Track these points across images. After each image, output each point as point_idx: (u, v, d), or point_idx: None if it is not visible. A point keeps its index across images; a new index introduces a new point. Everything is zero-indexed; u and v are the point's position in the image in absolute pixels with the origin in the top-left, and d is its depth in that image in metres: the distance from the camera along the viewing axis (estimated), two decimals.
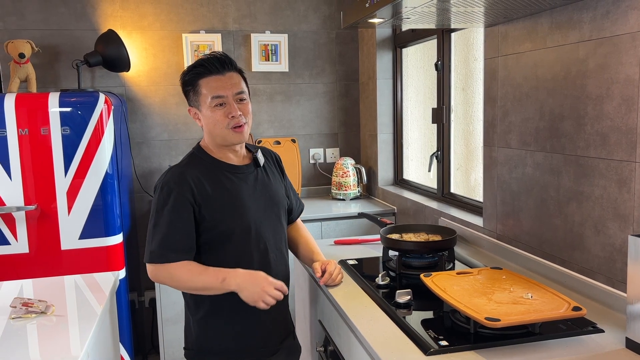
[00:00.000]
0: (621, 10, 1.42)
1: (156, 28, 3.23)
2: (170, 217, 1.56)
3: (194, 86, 1.61)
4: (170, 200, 1.56)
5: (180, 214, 1.56)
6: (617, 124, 1.46)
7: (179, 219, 1.56)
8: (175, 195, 1.56)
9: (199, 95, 1.61)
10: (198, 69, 1.60)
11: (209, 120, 1.61)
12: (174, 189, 1.57)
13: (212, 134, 1.64)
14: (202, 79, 1.60)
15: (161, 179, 1.62)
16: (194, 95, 1.63)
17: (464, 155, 2.78)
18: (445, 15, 1.76)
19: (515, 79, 1.89)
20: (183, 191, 1.56)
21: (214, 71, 1.59)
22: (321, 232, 2.96)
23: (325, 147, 3.57)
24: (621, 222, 1.46)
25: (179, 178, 1.58)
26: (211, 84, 1.59)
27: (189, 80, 1.62)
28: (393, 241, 1.89)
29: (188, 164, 1.64)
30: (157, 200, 1.59)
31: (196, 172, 1.61)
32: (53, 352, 1.34)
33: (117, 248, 2.65)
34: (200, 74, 1.60)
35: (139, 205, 3.31)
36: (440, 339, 1.31)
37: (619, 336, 1.31)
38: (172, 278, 1.57)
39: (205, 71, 1.59)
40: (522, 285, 1.47)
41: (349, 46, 3.54)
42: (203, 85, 1.59)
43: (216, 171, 1.64)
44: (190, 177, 1.59)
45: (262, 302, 1.53)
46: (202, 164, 1.64)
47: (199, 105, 1.62)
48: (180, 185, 1.57)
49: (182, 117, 3.32)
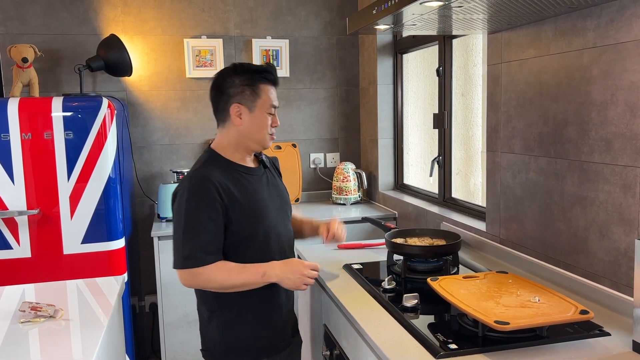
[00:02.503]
0: (625, 18, 1.44)
1: (158, 33, 3.24)
2: (202, 220, 1.56)
3: (254, 87, 1.65)
4: (200, 203, 1.57)
5: (210, 216, 1.57)
6: (622, 130, 1.48)
7: (210, 221, 1.57)
8: (204, 198, 1.57)
9: (258, 97, 1.65)
10: (266, 75, 1.66)
11: (258, 123, 1.66)
12: (202, 192, 1.57)
13: (249, 136, 1.67)
14: (264, 85, 1.66)
15: (184, 184, 1.61)
16: (250, 95, 1.65)
17: (464, 160, 2.80)
18: (447, 22, 1.78)
19: (518, 85, 1.91)
20: (212, 193, 1.57)
21: (275, 82, 1.69)
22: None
23: (325, 151, 3.59)
24: (626, 227, 1.48)
25: (205, 181, 1.59)
26: (272, 93, 1.68)
27: (251, 80, 1.64)
28: (399, 245, 1.90)
29: (208, 167, 1.64)
30: (185, 205, 1.57)
31: (218, 174, 1.62)
32: (62, 356, 1.34)
33: (119, 252, 2.65)
34: (265, 78, 1.66)
35: (139, 209, 3.31)
36: (449, 342, 1.32)
37: (626, 339, 1.32)
38: (210, 281, 1.58)
39: (270, 79, 1.67)
40: (529, 289, 1.48)
41: (349, 52, 3.56)
42: (264, 91, 1.66)
43: (235, 173, 1.66)
44: (215, 180, 1.59)
45: (303, 285, 1.62)
46: (221, 167, 1.65)
47: (252, 106, 1.65)
48: (208, 187, 1.57)
49: (183, 121, 3.33)
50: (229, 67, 1.69)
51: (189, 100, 3.33)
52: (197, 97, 3.34)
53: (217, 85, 1.68)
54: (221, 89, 1.67)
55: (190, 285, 1.61)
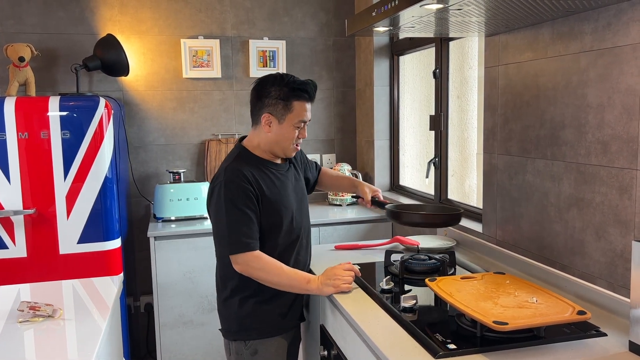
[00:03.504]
0: (622, 22, 1.46)
1: (155, 33, 3.24)
2: (243, 209, 1.70)
3: (287, 102, 1.76)
4: (238, 194, 1.70)
5: (249, 206, 1.71)
6: (618, 132, 1.50)
7: (249, 210, 1.71)
8: (241, 189, 1.71)
9: (289, 111, 1.76)
10: (301, 94, 1.76)
11: (284, 134, 1.78)
12: (238, 184, 1.71)
13: (275, 144, 1.81)
14: (298, 101, 1.76)
15: (220, 178, 1.74)
16: (282, 109, 1.76)
17: (459, 162, 2.81)
18: (445, 25, 1.80)
19: (515, 87, 1.93)
20: (247, 185, 1.72)
21: (309, 99, 1.79)
22: (319, 238, 2.98)
23: (322, 152, 3.60)
24: (622, 228, 1.50)
25: (240, 174, 1.73)
26: (303, 108, 1.78)
27: (286, 95, 1.75)
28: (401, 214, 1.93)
29: (240, 161, 1.78)
30: (224, 196, 1.70)
31: (250, 169, 1.76)
32: (61, 357, 1.34)
33: (116, 252, 2.64)
34: (299, 96, 1.76)
35: (135, 209, 3.31)
36: (448, 342, 1.33)
37: (622, 340, 1.34)
38: (262, 270, 1.71)
39: (305, 97, 1.77)
40: (526, 290, 1.50)
41: (346, 53, 3.57)
42: (296, 107, 1.77)
43: (264, 169, 1.81)
44: (248, 173, 1.74)
45: (343, 285, 1.71)
46: (250, 162, 1.79)
47: (281, 118, 1.77)
48: (244, 180, 1.72)
49: (179, 122, 3.33)
50: (271, 76, 1.80)
51: (186, 101, 3.33)
52: (194, 98, 3.34)
53: (256, 91, 1.81)
54: (258, 96, 1.79)
55: (244, 270, 1.72)
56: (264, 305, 1.80)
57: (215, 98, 3.37)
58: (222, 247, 1.74)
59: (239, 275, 1.76)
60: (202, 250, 2.81)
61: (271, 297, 1.80)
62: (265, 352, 1.81)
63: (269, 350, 1.81)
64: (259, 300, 1.80)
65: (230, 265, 1.74)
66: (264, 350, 1.80)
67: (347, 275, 1.74)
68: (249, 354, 1.80)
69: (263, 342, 1.80)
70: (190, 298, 2.85)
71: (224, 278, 1.84)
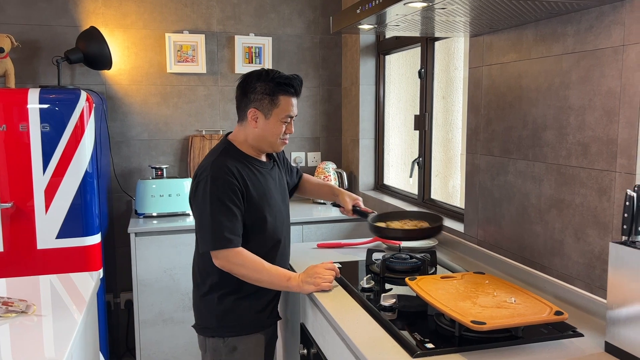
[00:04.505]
0: (604, 25, 1.47)
1: (139, 27, 3.20)
2: (228, 204, 1.68)
3: (273, 97, 1.75)
4: (224, 189, 1.69)
5: (234, 201, 1.70)
6: (599, 134, 1.50)
7: (234, 206, 1.69)
8: (226, 184, 1.69)
9: (275, 106, 1.76)
10: (287, 88, 1.76)
11: (270, 129, 1.77)
12: (224, 179, 1.70)
13: (262, 139, 1.80)
14: (284, 96, 1.76)
15: (206, 172, 1.71)
16: (268, 104, 1.76)
17: (443, 162, 2.82)
18: (430, 24, 1.80)
19: (499, 88, 1.93)
20: (234, 180, 1.71)
21: (295, 94, 1.79)
22: (302, 236, 2.97)
23: (307, 150, 3.58)
24: (600, 230, 1.51)
25: (227, 169, 1.71)
26: (289, 103, 1.78)
27: (271, 90, 1.75)
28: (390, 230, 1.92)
29: (225, 156, 1.76)
30: (209, 191, 1.68)
31: (235, 165, 1.75)
32: (35, 352, 1.31)
33: (95, 248, 2.61)
34: (285, 91, 1.76)
35: (116, 205, 3.27)
36: (426, 342, 1.33)
37: (598, 340, 1.35)
38: (243, 266, 1.69)
39: (290, 91, 1.77)
40: (505, 290, 1.50)
41: (332, 51, 3.56)
42: (282, 102, 1.76)
43: (249, 165, 1.80)
44: (234, 169, 1.73)
45: (325, 283, 1.70)
46: (236, 158, 1.78)
47: (268, 113, 1.76)
48: (230, 175, 1.71)
49: (162, 117, 3.29)
50: (256, 72, 1.79)
51: (170, 96, 3.30)
52: (178, 93, 3.30)
53: (242, 86, 1.80)
54: (244, 91, 1.79)
55: (226, 266, 1.70)
56: (243, 302, 1.79)
57: (200, 94, 3.34)
58: (205, 242, 1.71)
59: (219, 271, 1.74)
60: (184, 247, 2.79)
61: (250, 294, 1.79)
62: (244, 349, 1.79)
63: (247, 346, 1.79)
64: (239, 297, 1.78)
65: (211, 260, 1.72)
66: (243, 346, 1.79)
67: (328, 274, 1.73)
68: (227, 350, 1.78)
69: (241, 338, 1.79)
70: (170, 295, 2.82)
71: (203, 273, 1.82)
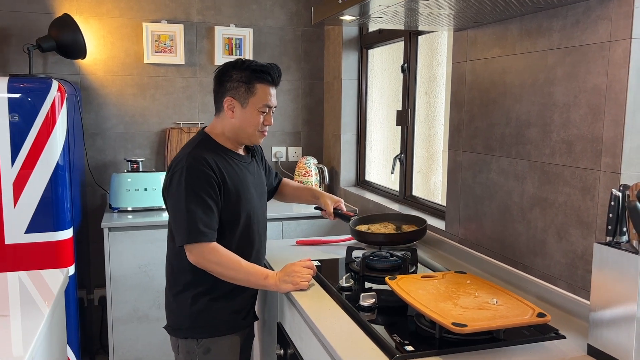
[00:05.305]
0: (591, 20, 1.44)
1: (115, 15, 3.10)
2: (204, 197, 1.62)
3: (249, 85, 1.71)
4: (200, 181, 1.63)
5: (210, 194, 1.63)
6: (583, 132, 1.47)
7: (210, 199, 1.63)
8: (203, 176, 1.63)
9: (252, 95, 1.71)
10: (263, 75, 1.71)
11: (248, 119, 1.72)
12: (200, 170, 1.63)
13: (240, 130, 1.74)
14: (260, 84, 1.71)
15: (182, 163, 1.65)
16: (245, 92, 1.71)
17: (425, 159, 2.79)
18: (414, 17, 1.75)
19: (483, 84, 1.89)
20: (210, 172, 1.64)
21: (273, 83, 1.74)
22: (282, 232, 2.91)
23: (287, 145, 3.52)
24: (584, 229, 1.48)
25: (204, 161, 1.65)
26: (267, 92, 1.72)
27: (247, 78, 1.70)
28: (371, 235, 1.87)
29: (202, 148, 1.70)
30: (184, 183, 1.62)
31: (212, 157, 1.69)
32: (0, 349, 1.24)
33: (67, 243, 2.52)
34: (262, 79, 1.71)
35: (90, 199, 3.17)
36: (406, 344, 1.29)
37: (580, 342, 1.32)
38: (219, 264, 1.62)
39: (267, 79, 1.72)
40: (487, 291, 1.46)
41: (314, 44, 3.50)
42: (259, 90, 1.71)
43: (227, 158, 1.74)
44: (211, 161, 1.67)
45: (303, 282, 1.64)
46: (213, 150, 1.72)
47: (244, 102, 1.71)
48: (207, 167, 1.64)
49: (139, 108, 3.20)
50: (232, 61, 1.75)
51: (147, 87, 3.20)
52: (155, 84, 3.21)
53: (218, 76, 1.76)
54: (220, 81, 1.75)
55: (198, 262, 1.64)
56: (218, 303, 1.73)
57: (178, 85, 3.26)
58: (178, 236, 1.64)
59: (193, 269, 1.68)
60: (159, 243, 2.71)
61: (226, 294, 1.73)
62: (219, 351, 1.73)
63: (222, 348, 1.74)
64: (213, 297, 1.72)
65: (185, 257, 1.65)
66: (217, 348, 1.73)
67: (307, 272, 1.68)
68: (201, 352, 1.72)
69: (216, 340, 1.73)
70: (145, 292, 2.74)
71: (176, 271, 1.75)
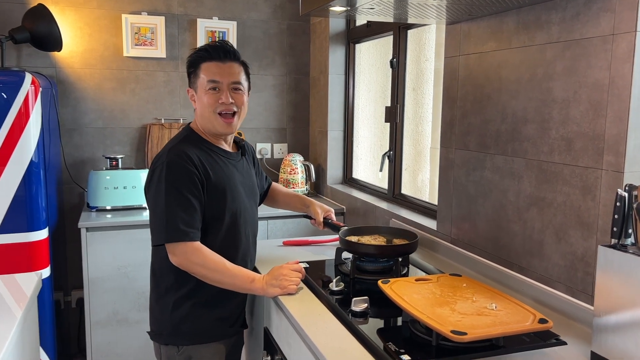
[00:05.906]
0: (592, 12, 1.38)
1: (93, 6, 2.98)
2: (186, 194, 1.54)
3: (195, 68, 1.65)
4: (182, 178, 1.55)
5: (192, 192, 1.55)
6: (584, 129, 1.42)
7: (192, 196, 1.55)
8: (185, 173, 1.55)
9: (198, 77, 1.65)
10: (201, 53, 1.65)
11: (202, 103, 1.64)
12: (182, 167, 1.55)
13: (202, 118, 1.67)
14: (203, 63, 1.64)
15: (162, 159, 1.57)
16: (194, 77, 1.66)
17: (413, 156, 2.73)
18: (404, 8, 1.68)
19: (477, 79, 1.83)
20: (191, 168, 1.56)
21: (215, 57, 1.63)
22: (267, 232, 2.83)
23: (273, 142, 3.43)
24: (584, 231, 1.43)
25: (186, 156, 1.57)
26: (211, 69, 1.63)
27: (192, 62, 1.66)
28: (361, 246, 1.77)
29: (185, 143, 1.62)
30: (165, 180, 1.54)
31: (196, 152, 1.61)
32: None
33: (42, 244, 2.40)
34: (202, 57, 1.64)
35: (67, 197, 3.05)
36: (402, 353, 1.21)
37: (583, 349, 1.26)
38: (203, 265, 1.54)
39: (208, 56, 1.64)
40: (485, 295, 1.40)
41: (300, 38, 3.41)
42: (203, 69, 1.64)
43: (212, 154, 1.66)
44: (194, 156, 1.59)
45: (291, 286, 1.57)
46: (197, 145, 1.64)
47: (196, 88, 1.66)
48: (189, 163, 1.56)
49: (119, 103, 3.09)
50: None
51: (126, 81, 3.09)
52: (136, 78, 3.10)
53: None
54: (188, 75, 1.71)
55: (181, 263, 1.55)
56: (201, 308, 1.64)
57: (159, 79, 3.15)
58: (159, 235, 1.55)
59: (176, 272, 1.59)
60: (140, 243, 2.61)
61: (210, 300, 1.64)
62: (201, 359, 1.65)
63: (204, 357, 1.65)
64: (196, 303, 1.63)
65: (167, 259, 1.56)
66: (199, 357, 1.64)
67: (295, 275, 1.60)
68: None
69: (198, 348, 1.64)
70: (125, 294, 2.64)
71: (158, 274, 1.66)
